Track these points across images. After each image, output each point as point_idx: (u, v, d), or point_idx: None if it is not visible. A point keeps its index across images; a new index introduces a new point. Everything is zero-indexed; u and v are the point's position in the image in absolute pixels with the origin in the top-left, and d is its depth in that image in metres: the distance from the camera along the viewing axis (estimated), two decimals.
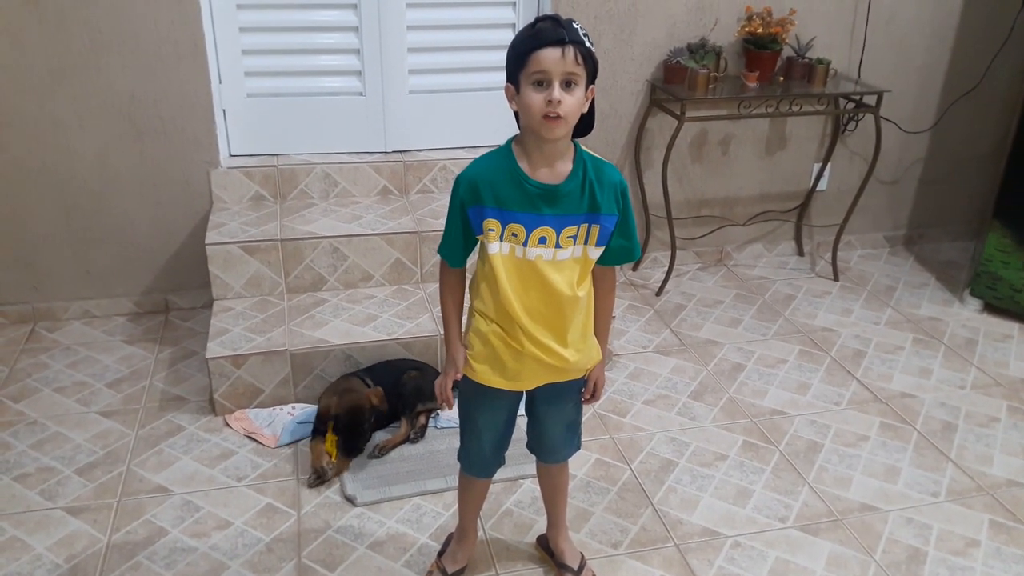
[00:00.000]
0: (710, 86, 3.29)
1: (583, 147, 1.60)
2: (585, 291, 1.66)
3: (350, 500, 2.31)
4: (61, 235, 3.09)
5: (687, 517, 2.30)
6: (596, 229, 1.59)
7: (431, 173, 3.34)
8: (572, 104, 1.47)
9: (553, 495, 2.03)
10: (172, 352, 3.01)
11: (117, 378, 2.84)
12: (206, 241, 2.86)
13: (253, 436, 2.55)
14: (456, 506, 2.07)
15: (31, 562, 2.07)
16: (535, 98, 1.47)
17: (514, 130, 1.63)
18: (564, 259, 1.61)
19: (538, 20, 1.50)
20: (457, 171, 3.35)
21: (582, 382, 1.83)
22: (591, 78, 1.51)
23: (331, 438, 2.42)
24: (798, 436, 2.65)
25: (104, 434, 2.56)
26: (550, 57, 1.45)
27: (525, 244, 1.58)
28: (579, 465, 2.47)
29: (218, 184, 3.13)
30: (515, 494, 2.34)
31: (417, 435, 2.56)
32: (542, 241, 1.58)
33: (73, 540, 2.15)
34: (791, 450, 2.59)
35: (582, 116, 1.53)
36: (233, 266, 2.88)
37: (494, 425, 1.84)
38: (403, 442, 2.54)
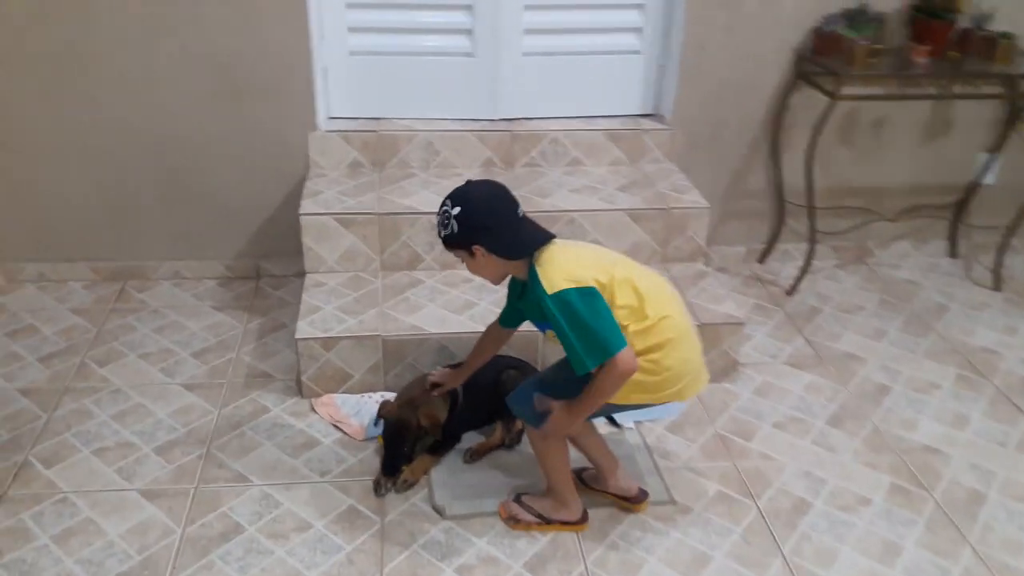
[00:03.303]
0: (870, 60, 2.85)
1: (538, 260, 1.79)
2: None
3: (438, 511, 2.09)
4: (155, 194, 2.96)
5: (824, 574, 1.97)
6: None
7: (540, 145, 3.05)
8: (471, 270, 1.89)
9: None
10: (261, 323, 2.85)
11: (204, 347, 2.71)
12: (301, 211, 2.66)
13: (339, 425, 2.37)
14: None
15: (103, 549, 1.95)
16: None
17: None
18: None
19: None
20: (571, 144, 3.09)
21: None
22: (462, 247, 1.82)
23: (381, 442, 2.22)
24: (956, 482, 2.27)
25: (186, 409, 2.42)
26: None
27: None
28: (696, 496, 2.18)
29: (315, 148, 2.92)
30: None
31: (513, 440, 2.32)
32: None
33: (147, 528, 2.01)
34: (948, 499, 2.21)
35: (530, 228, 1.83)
36: (327, 238, 2.68)
37: None
38: (497, 447, 2.30)
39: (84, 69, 2.74)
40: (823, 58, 2.92)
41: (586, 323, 1.68)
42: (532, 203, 2.78)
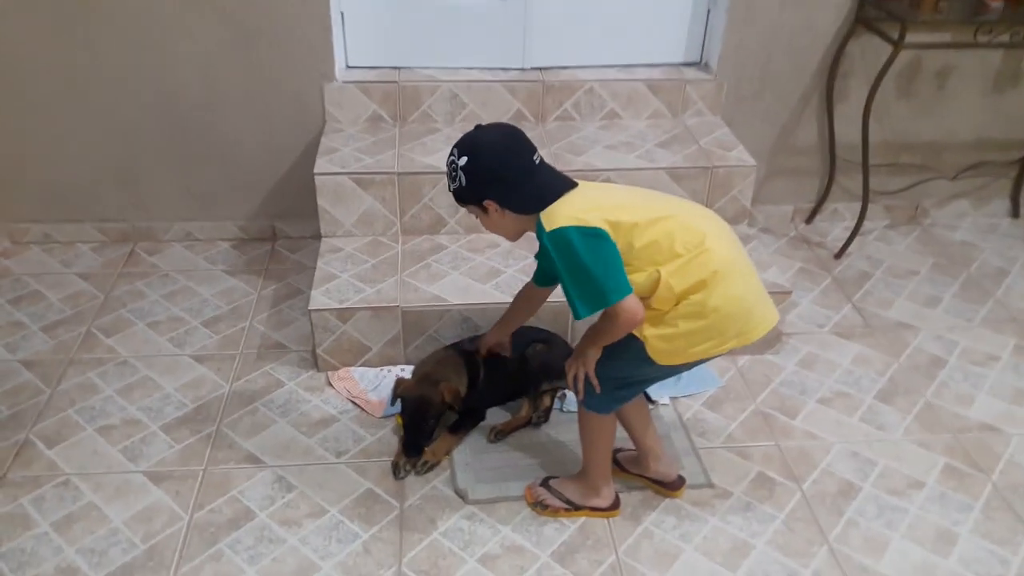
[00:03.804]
0: (939, 4, 2.58)
1: (546, 212, 1.60)
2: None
3: (460, 495, 1.96)
4: (163, 150, 2.80)
5: (873, 564, 1.82)
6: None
7: (574, 96, 2.82)
8: (484, 226, 1.70)
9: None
10: (276, 289, 2.71)
11: (215, 315, 2.57)
12: (315, 170, 2.49)
13: (356, 401, 2.23)
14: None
15: (107, 537, 1.84)
16: None
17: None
18: None
19: None
20: (607, 95, 2.86)
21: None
22: (471, 199, 1.64)
23: (400, 422, 2.08)
24: (1015, 463, 2.09)
25: (196, 383, 2.30)
26: None
27: None
28: (736, 478, 2.02)
29: (332, 100, 2.73)
30: None
31: (540, 418, 2.17)
32: None
33: (152, 514, 1.90)
34: (1007, 482, 2.03)
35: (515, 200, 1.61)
36: (344, 200, 2.51)
37: None
38: (523, 426, 2.16)
39: (86, 17, 2.56)
40: (887, 2, 2.65)
41: (583, 265, 1.51)
42: (564, 161, 2.58)
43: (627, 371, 1.70)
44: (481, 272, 2.41)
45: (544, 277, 1.89)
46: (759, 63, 2.84)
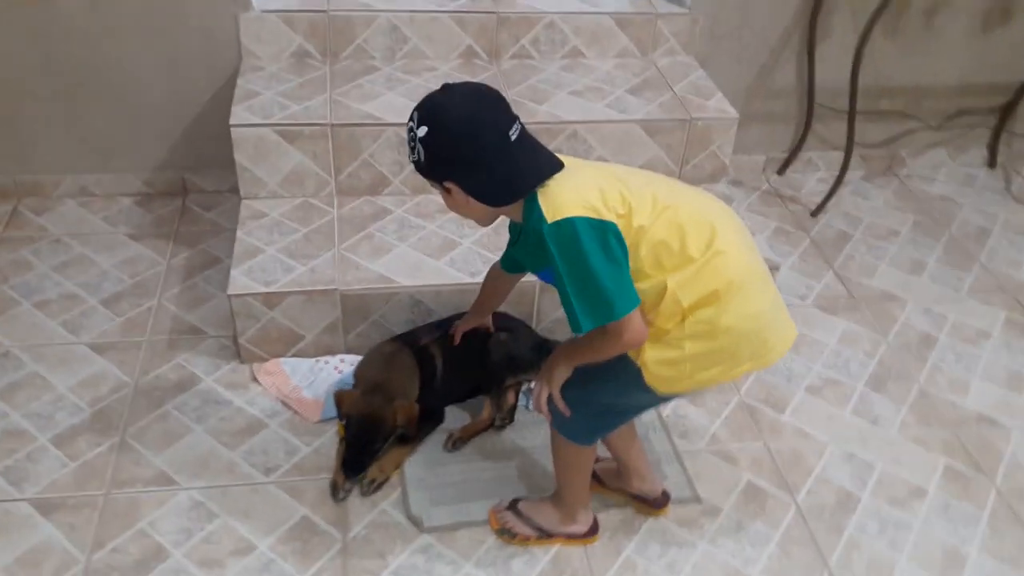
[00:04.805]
0: None
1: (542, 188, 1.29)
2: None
3: (414, 522, 1.69)
4: (44, 90, 2.32)
5: None
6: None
7: (533, 31, 2.45)
8: (448, 206, 1.37)
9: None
10: (188, 257, 2.32)
11: (117, 292, 2.19)
12: (231, 121, 2.08)
13: (287, 402, 1.92)
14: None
15: None
16: None
17: None
18: None
19: None
20: (569, 31, 2.48)
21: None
22: (431, 177, 1.33)
23: (341, 432, 1.79)
24: (1018, 464, 1.93)
25: (94, 380, 1.94)
26: None
27: None
28: (724, 489, 1.81)
29: (249, 34, 2.29)
30: None
31: (504, 420, 1.90)
32: None
33: (42, 556, 1.58)
34: (1011, 487, 1.88)
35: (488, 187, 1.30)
36: (267, 156, 2.12)
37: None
38: (485, 429, 1.89)
39: None
40: None
41: (590, 268, 1.21)
42: (526, 111, 2.23)
43: (613, 398, 1.43)
44: (433, 244, 2.08)
45: (512, 263, 1.59)
46: None
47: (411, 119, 1.29)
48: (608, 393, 1.41)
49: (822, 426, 1.99)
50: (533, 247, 1.30)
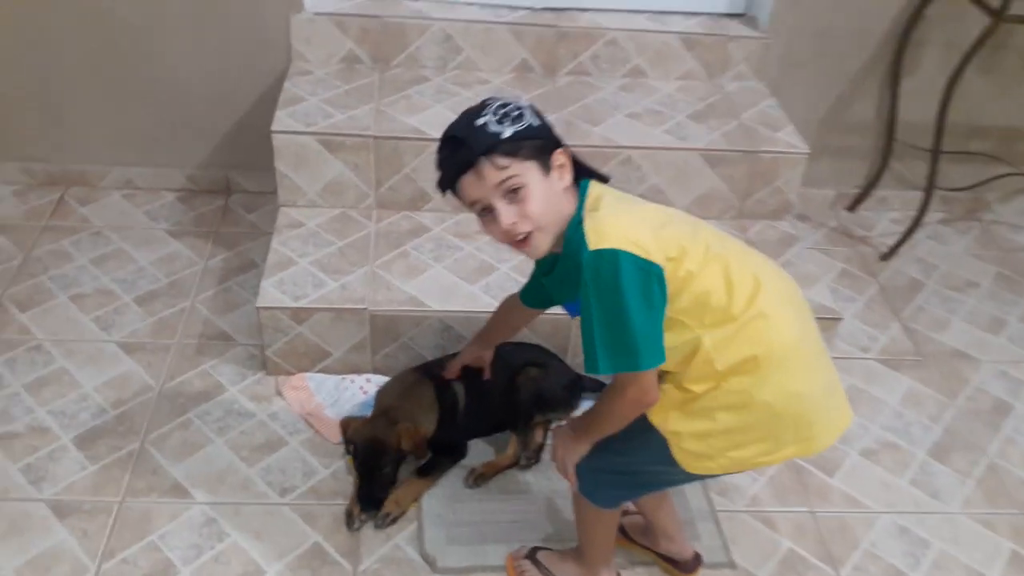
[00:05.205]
0: None
1: (591, 204, 1.20)
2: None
3: (428, 562, 1.62)
4: (94, 82, 2.31)
5: None
6: None
7: (593, 47, 2.35)
8: (533, 207, 1.18)
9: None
10: (226, 260, 2.29)
11: (152, 290, 2.17)
12: (273, 127, 2.03)
13: (310, 420, 1.86)
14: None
15: None
16: (493, 231, 1.22)
17: None
18: None
19: (439, 143, 1.22)
20: (632, 49, 2.36)
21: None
22: (541, 152, 1.19)
23: (351, 464, 1.72)
24: None
25: (121, 381, 1.92)
26: (470, 186, 1.19)
27: None
28: (761, 556, 1.68)
29: (299, 36, 2.25)
30: None
31: (530, 460, 1.81)
32: None
33: (53, 561, 1.56)
34: None
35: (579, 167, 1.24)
36: (308, 164, 2.07)
37: None
38: (510, 467, 1.80)
39: None
40: None
41: (626, 309, 1.10)
42: (579, 132, 2.14)
43: (639, 467, 1.32)
44: (469, 267, 2.00)
45: (536, 296, 1.49)
46: (817, 20, 2.36)
47: (493, 100, 1.19)
48: (633, 462, 1.30)
49: (875, 494, 1.84)
50: (569, 274, 1.20)
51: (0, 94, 2.32)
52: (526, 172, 1.16)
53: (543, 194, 1.17)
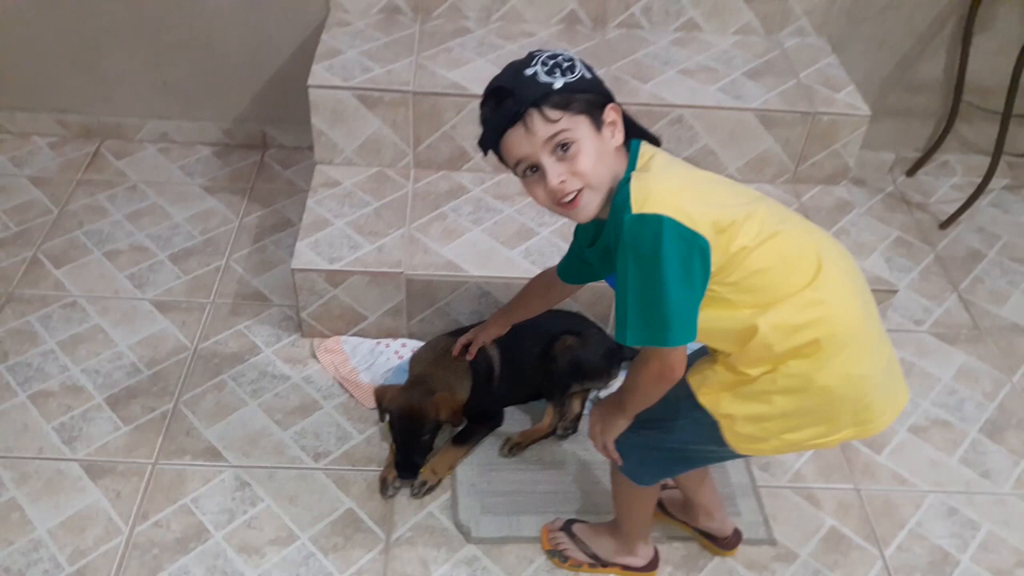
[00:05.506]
0: None
1: (641, 165, 1.13)
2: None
3: (461, 531, 1.59)
4: (130, 33, 2.26)
5: None
6: None
7: None
8: (584, 163, 1.10)
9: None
10: (261, 217, 2.25)
11: (186, 247, 2.14)
12: (310, 81, 1.97)
13: (345, 384, 1.83)
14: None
15: None
16: (537, 192, 1.13)
17: None
18: None
19: (483, 97, 1.13)
20: None
21: None
22: (593, 106, 1.11)
23: (388, 428, 1.68)
24: None
25: (155, 340, 1.90)
26: (517, 142, 1.10)
27: None
28: (803, 534, 1.63)
29: None
30: None
31: (567, 429, 1.76)
32: None
33: (87, 521, 1.56)
34: None
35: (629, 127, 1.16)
36: (345, 120, 2.01)
37: None
38: (545, 437, 1.76)
39: None
40: None
41: (663, 281, 1.03)
42: (627, 89, 2.03)
43: (685, 445, 1.26)
44: (509, 231, 1.93)
45: (573, 272, 1.41)
46: None
47: (542, 52, 1.11)
48: (679, 439, 1.24)
49: (923, 473, 1.77)
50: (610, 248, 1.12)
51: (35, 44, 2.28)
52: (577, 127, 1.09)
53: (595, 151, 1.10)
